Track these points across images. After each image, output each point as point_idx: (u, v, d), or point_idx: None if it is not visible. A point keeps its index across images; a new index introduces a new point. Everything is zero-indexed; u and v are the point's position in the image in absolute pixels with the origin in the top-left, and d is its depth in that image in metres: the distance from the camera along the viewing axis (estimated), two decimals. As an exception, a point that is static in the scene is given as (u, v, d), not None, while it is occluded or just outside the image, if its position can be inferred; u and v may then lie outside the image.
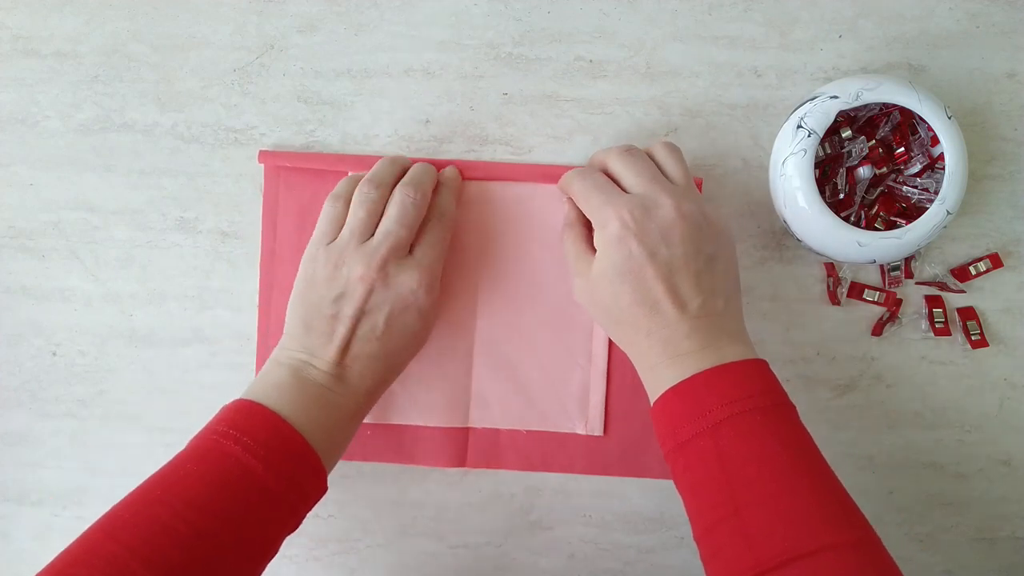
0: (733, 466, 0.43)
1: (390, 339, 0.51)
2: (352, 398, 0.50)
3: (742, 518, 0.42)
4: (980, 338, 0.57)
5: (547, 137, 0.57)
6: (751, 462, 0.43)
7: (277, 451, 0.46)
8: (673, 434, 0.46)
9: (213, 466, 0.45)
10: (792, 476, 0.42)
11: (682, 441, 0.45)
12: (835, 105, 0.51)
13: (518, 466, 0.57)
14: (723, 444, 0.43)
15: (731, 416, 0.44)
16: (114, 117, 0.58)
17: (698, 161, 0.57)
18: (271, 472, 0.45)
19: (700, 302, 0.47)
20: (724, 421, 0.44)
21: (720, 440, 0.43)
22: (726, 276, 0.48)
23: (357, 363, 0.50)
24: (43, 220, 0.58)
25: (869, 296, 0.57)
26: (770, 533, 0.41)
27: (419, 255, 0.51)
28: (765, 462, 0.43)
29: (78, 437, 0.58)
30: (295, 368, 0.50)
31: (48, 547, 0.58)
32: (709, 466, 0.43)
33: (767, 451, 0.43)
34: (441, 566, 0.58)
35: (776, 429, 0.44)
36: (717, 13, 0.57)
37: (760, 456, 0.43)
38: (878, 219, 0.55)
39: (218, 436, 0.46)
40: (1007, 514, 0.58)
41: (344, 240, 0.51)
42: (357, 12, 0.57)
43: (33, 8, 0.58)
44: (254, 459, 0.45)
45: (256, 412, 0.47)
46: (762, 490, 0.42)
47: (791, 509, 0.41)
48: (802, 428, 0.46)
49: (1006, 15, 0.57)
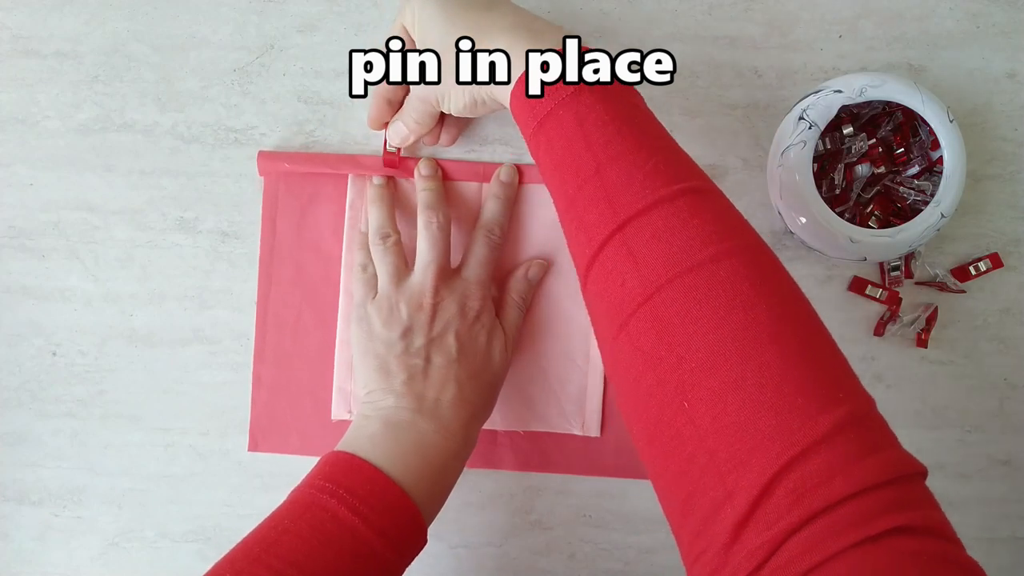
0: (591, 129, 0.42)
1: (468, 360, 0.51)
2: (448, 434, 0.49)
3: (602, 176, 0.41)
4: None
5: (547, 137, 0.57)
6: (608, 123, 0.42)
7: (376, 504, 0.46)
8: (532, 112, 0.45)
9: (313, 522, 0.45)
10: (647, 138, 0.43)
11: (543, 116, 0.44)
12: (838, 99, 0.51)
13: (516, 467, 0.57)
14: (582, 111, 0.43)
15: (587, 88, 0.44)
16: (114, 117, 0.58)
17: (698, 161, 0.57)
18: (370, 527, 0.45)
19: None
20: (581, 90, 0.43)
21: (579, 108, 0.43)
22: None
23: (444, 393, 0.50)
24: (43, 220, 0.58)
25: (872, 292, 0.57)
26: (629, 184, 0.41)
27: (466, 274, 0.52)
28: (622, 124, 0.43)
29: (78, 437, 0.58)
30: (385, 416, 0.49)
31: (48, 547, 0.58)
32: (571, 135, 0.43)
33: (621, 114, 0.43)
34: (441, 566, 0.58)
35: (631, 101, 0.44)
36: (717, 13, 0.57)
37: (616, 117, 0.43)
38: (872, 217, 0.55)
39: (316, 490, 0.46)
40: (1007, 514, 0.58)
41: (386, 288, 0.52)
42: (357, 12, 0.57)
43: (33, 8, 0.58)
44: (353, 514, 0.45)
45: (354, 465, 0.47)
46: (621, 146, 0.42)
47: (647, 162, 0.41)
48: (646, 105, 0.46)
49: (1006, 15, 0.57)
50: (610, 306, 0.40)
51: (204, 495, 0.58)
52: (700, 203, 0.40)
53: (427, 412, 0.49)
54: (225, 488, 0.58)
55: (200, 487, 0.58)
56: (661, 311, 0.38)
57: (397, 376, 0.50)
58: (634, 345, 0.39)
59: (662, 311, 0.38)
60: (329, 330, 0.57)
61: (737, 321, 0.37)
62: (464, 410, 0.50)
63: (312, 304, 0.57)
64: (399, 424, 0.49)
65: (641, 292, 0.39)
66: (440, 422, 0.49)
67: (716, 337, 0.37)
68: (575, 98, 0.43)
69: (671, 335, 0.38)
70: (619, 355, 0.40)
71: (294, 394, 0.57)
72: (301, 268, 0.57)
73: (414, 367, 0.50)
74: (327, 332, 0.57)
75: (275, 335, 0.57)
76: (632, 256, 0.39)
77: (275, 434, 0.57)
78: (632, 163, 0.41)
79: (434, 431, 0.49)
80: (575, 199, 0.42)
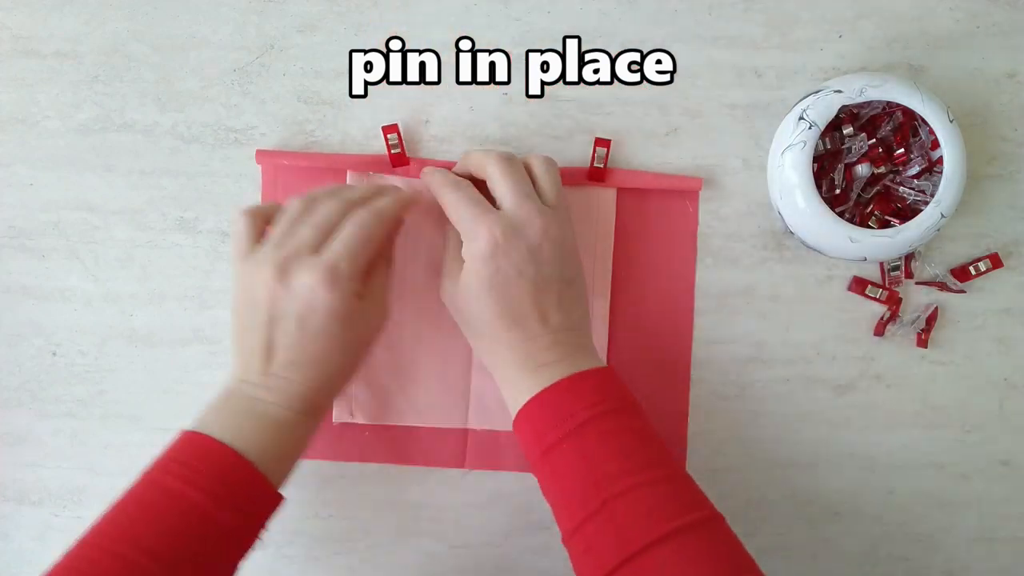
0: (597, 463, 0.46)
1: (309, 343, 0.48)
2: (287, 407, 0.48)
3: (609, 510, 0.44)
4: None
5: (547, 137, 0.57)
6: (614, 458, 0.46)
7: (219, 479, 0.46)
8: (539, 440, 0.48)
9: (162, 506, 0.45)
10: (649, 469, 0.46)
11: (548, 446, 0.47)
12: (838, 99, 0.51)
13: (517, 467, 0.57)
14: (588, 444, 0.46)
15: (592, 417, 0.47)
16: (114, 117, 0.58)
17: (698, 161, 0.57)
18: (216, 503, 0.45)
19: (560, 319, 0.50)
20: (587, 422, 0.47)
21: (583, 442, 0.46)
22: (580, 297, 0.51)
23: (283, 370, 0.48)
24: (43, 220, 0.58)
25: (872, 292, 0.57)
26: (634, 521, 0.44)
27: (324, 252, 0.49)
28: (625, 459, 0.46)
29: (78, 437, 0.58)
30: (233, 389, 0.49)
31: (48, 547, 0.58)
32: (576, 466, 0.46)
33: (627, 447, 0.46)
34: (441, 566, 0.58)
35: (632, 426, 0.48)
36: (717, 13, 0.57)
37: (621, 452, 0.46)
38: (872, 218, 0.55)
39: (162, 472, 0.46)
40: (1007, 514, 0.58)
41: (261, 249, 0.50)
42: (357, 12, 0.57)
43: (33, 8, 0.58)
44: (199, 493, 0.45)
45: (198, 443, 0.47)
46: (624, 484, 0.45)
47: (651, 497, 0.45)
48: (651, 425, 0.49)
49: (1006, 15, 0.57)
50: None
51: (204, 495, 0.58)
52: (709, 537, 0.45)
53: (266, 385, 0.48)
54: (225, 488, 0.58)
55: (200, 487, 0.58)
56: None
57: (244, 349, 0.50)
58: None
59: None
60: (329, 330, 0.57)
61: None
62: (305, 385, 0.49)
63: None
64: (240, 395, 0.48)
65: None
66: (279, 395, 0.48)
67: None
68: (580, 432, 0.46)
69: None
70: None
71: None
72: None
73: (256, 344, 0.49)
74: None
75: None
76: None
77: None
78: (635, 500, 0.45)
79: (273, 403, 0.48)
80: (580, 528, 0.45)
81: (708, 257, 0.58)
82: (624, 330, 0.57)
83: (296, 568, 0.58)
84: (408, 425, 0.57)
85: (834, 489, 0.58)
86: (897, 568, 0.58)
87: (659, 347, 0.57)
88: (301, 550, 0.58)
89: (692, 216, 0.57)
